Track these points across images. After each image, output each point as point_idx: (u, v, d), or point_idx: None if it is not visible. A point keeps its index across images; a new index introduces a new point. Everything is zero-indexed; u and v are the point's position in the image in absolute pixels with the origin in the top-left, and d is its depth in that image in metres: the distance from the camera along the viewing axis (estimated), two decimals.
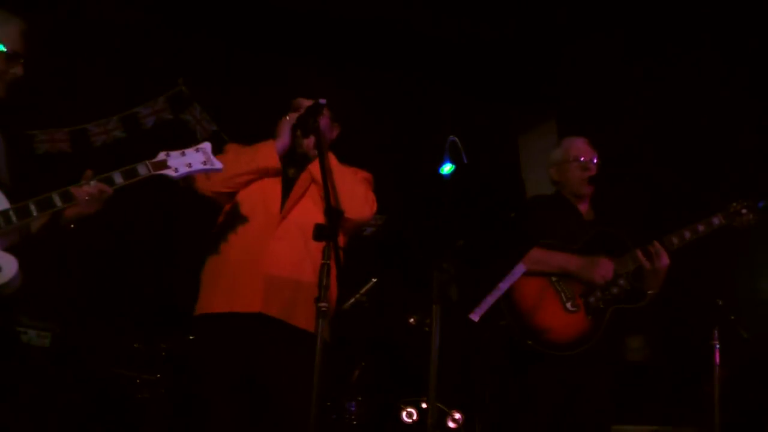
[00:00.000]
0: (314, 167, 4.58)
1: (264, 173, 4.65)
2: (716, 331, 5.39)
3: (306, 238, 4.38)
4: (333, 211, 3.96)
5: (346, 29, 7.74)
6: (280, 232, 4.49)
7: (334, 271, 3.84)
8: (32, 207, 3.83)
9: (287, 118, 4.72)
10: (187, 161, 4.10)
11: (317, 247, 4.05)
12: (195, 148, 4.15)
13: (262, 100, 6.71)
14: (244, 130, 7.32)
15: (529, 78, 8.28)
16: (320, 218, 4.27)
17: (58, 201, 3.87)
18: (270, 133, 4.77)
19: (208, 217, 4.85)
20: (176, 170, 4.06)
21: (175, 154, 4.09)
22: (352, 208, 4.51)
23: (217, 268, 4.55)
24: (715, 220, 5.38)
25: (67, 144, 7.29)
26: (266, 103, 5.15)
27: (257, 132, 4.98)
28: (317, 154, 4.49)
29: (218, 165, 4.18)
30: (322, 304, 3.76)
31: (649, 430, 6.38)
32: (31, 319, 6.01)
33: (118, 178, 3.97)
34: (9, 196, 3.88)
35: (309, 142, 4.65)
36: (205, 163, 4.13)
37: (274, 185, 4.67)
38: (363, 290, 6.41)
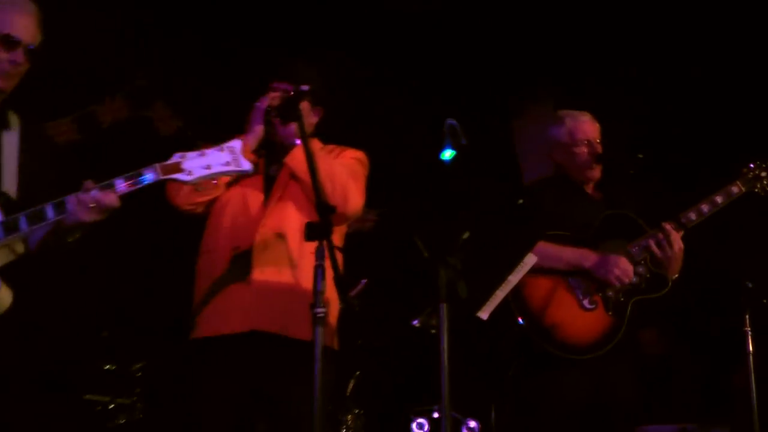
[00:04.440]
0: (290, 159, 4.51)
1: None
2: (747, 317, 5.21)
3: (291, 241, 4.42)
4: (324, 207, 3.86)
5: (326, 10, 7.74)
6: (262, 239, 4.43)
7: (330, 273, 3.79)
8: (22, 221, 3.71)
9: (258, 104, 4.60)
10: (206, 162, 3.86)
11: (309, 248, 4.06)
12: (220, 147, 3.91)
13: (233, 90, 6.67)
14: (214, 126, 7.29)
15: (524, 58, 8.30)
16: (304, 217, 4.27)
17: (50, 213, 3.74)
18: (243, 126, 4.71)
19: (191, 228, 4.78)
20: (190, 173, 3.82)
21: (192, 154, 3.86)
22: (334, 200, 4.32)
23: (206, 288, 4.49)
24: (734, 189, 5.35)
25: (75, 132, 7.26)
26: (238, 93, 5.08)
27: (230, 126, 4.93)
28: (294, 144, 4.50)
29: (246, 166, 3.92)
30: (318, 310, 3.69)
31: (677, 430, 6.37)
32: None
33: (121, 185, 3.78)
34: (8, 208, 3.80)
35: (288, 130, 4.54)
36: (228, 164, 3.88)
37: (254, 187, 4.62)
38: (353, 293, 6.38)
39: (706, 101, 7.73)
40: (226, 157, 3.87)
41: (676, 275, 5.22)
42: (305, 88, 4.40)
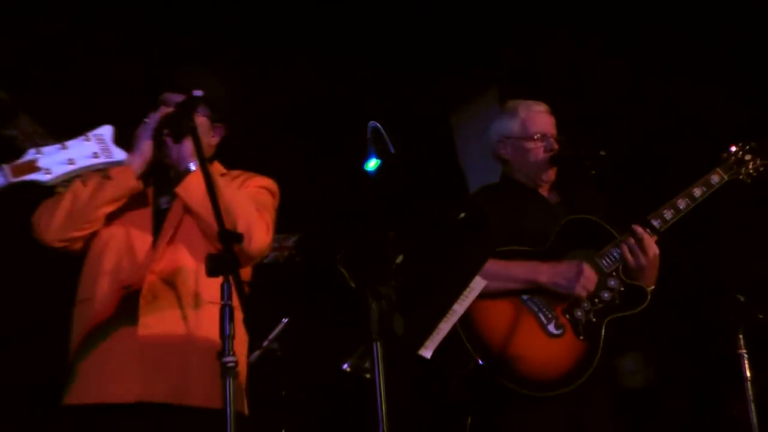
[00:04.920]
0: (183, 189, 4.34)
1: (121, 200, 4.39)
2: (741, 336, 5.11)
3: (184, 290, 4.30)
4: (228, 235, 3.72)
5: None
6: (150, 288, 4.27)
7: (239, 315, 3.65)
8: None
9: (147, 120, 4.44)
10: (68, 156, 3.55)
11: (207, 296, 4.16)
12: (84, 135, 3.62)
13: (118, 100, 6.53)
14: None
15: (458, 36, 8.22)
16: (199, 261, 4.15)
17: None
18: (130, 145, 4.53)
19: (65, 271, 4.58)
20: (48, 172, 3.52)
21: (50, 149, 3.55)
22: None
23: (83, 344, 4.29)
24: (714, 178, 5.28)
25: None
26: (125, 104, 4.96)
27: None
28: (189, 169, 4.33)
29: (119, 155, 3.63)
30: (228, 359, 3.54)
31: None
32: None
33: None
34: None
35: (182, 150, 4.37)
36: (96, 155, 3.59)
37: (141, 223, 4.46)
38: (272, 335, 6.29)
39: (682, 83, 7.71)
40: (93, 147, 3.62)
41: (653, 286, 5.16)
42: (198, 93, 4.26)
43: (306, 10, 7.65)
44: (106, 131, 3.65)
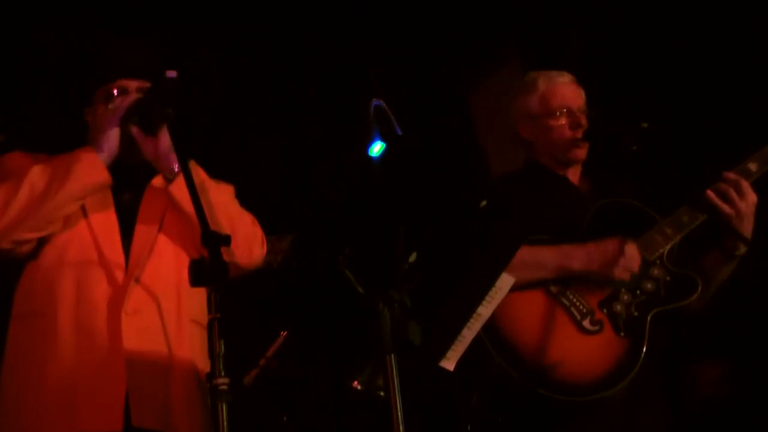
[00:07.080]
0: (179, 189, 4.31)
1: (87, 196, 4.37)
2: None
3: (170, 303, 4.34)
4: (214, 238, 3.67)
5: None
6: (133, 300, 4.28)
7: None
8: None
9: (110, 106, 4.48)
10: None
11: (191, 311, 4.26)
12: None
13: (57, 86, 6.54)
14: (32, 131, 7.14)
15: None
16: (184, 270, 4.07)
17: None
18: (79, 135, 4.54)
19: None
20: None
21: None
22: (239, 253, 4.42)
23: (37, 368, 4.21)
24: None
25: None
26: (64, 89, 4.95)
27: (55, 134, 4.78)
28: (171, 165, 4.34)
29: None
30: (220, 381, 3.48)
31: None
32: None
33: None
34: None
35: (159, 144, 4.37)
36: None
37: (107, 224, 4.43)
38: (269, 351, 6.27)
39: (735, 43, 7.72)
40: None
41: (748, 242, 4.98)
42: (173, 74, 4.26)
43: None
44: None
